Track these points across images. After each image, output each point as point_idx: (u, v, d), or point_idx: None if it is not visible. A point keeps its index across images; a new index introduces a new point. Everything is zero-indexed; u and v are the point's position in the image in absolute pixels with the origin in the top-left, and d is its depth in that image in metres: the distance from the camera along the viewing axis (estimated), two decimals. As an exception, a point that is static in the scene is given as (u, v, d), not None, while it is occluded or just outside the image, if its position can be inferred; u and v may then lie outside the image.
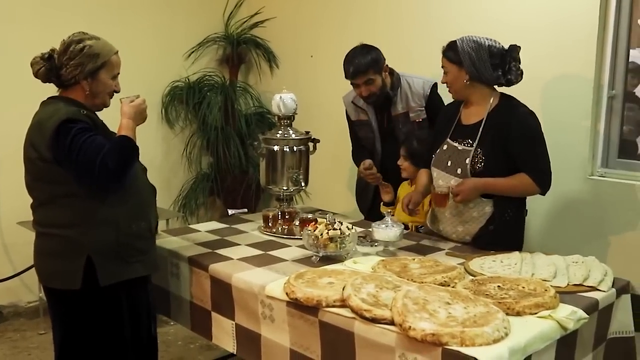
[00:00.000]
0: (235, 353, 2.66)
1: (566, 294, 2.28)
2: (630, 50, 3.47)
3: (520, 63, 2.90)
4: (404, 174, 3.46)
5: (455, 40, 2.92)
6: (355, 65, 3.43)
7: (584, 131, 3.47)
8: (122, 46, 2.68)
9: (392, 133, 3.58)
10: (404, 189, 3.50)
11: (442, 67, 2.97)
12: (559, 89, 3.48)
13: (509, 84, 2.93)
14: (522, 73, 2.91)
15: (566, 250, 2.90)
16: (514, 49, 2.89)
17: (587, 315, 2.15)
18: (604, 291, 2.36)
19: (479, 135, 2.90)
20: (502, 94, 2.98)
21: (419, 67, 4.15)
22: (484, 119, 2.92)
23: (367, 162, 3.55)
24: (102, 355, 2.61)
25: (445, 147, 3.03)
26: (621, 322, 2.47)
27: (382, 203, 3.57)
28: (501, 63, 2.88)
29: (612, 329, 2.45)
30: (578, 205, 3.45)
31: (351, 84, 3.53)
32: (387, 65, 3.53)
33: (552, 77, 3.23)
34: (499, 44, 2.89)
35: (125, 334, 2.63)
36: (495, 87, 2.97)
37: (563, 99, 3.48)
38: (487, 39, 2.88)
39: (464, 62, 2.87)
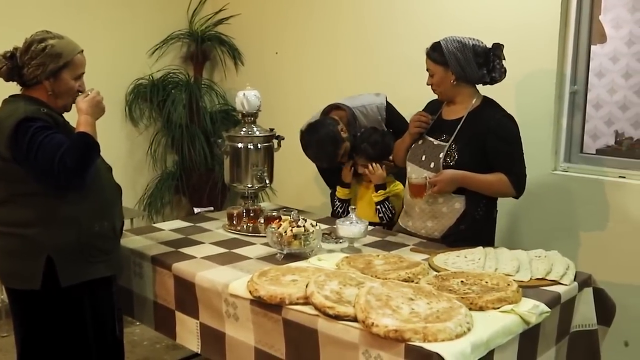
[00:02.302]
0: (199, 352, 2.64)
1: (529, 288, 2.29)
2: (592, 47, 3.51)
3: (504, 60, 2.92)
4: (375, 180, 3.42)
5: (439, 41, 2.91)
6: (326, 161, 3.44)
7: (547, 126, 3.50)
8: (84, 43, 2.63)
9: None
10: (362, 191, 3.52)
11: (427, 69, 2.97)
12: (522, 85, 3.51)
13: (493, 81, 2.95)
14: (505, 71, 2.93)
15: (531, 245, 2.92)
16: (498, 47, 2.90)
17: (549, 309, 2.17)
18: (566, 285, 2.38)
19: (456, 131, 2.91)
20: (485, 97, 2.99)
21: (381, 64, 4.17)
22: (464, 117, 2.93)
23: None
24: (65, 357, 2.57)
25: (420, 142, 3.05)
26: (584, 315, 2.49)
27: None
28: (485, 62, 2.90)
29: (575, 322, 2.47)
30: (542, 199, 3.49)
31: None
32: (339, 125, 3.42)
33: (515, 74, 3.25)
34: (482, 42, 2.90)
35: (88, 335, 2.60)
36: (479, 86, 2.98)
37: (526, 95, 3.51)
38: (470, 39, 2.88)
39: (449, 62, 2.87)
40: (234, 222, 3.19)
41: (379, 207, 3.35)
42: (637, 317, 3.21)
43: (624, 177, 3.34)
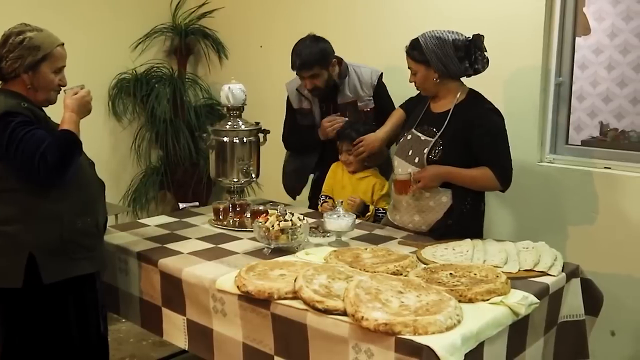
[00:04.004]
0: (187, 349, 2.61)
1: (517, 280, 2.30)
2: (576, 38, 3.51)
3: (485, 51, 2.90)
4: (350, 168, 3.43)
5: (418, 39, 2.89)
6: (302, 59, 3.38)
7: (533, 118, 3.50)
8: (66, 37, 2.59)
9: None
10: (338, 174, 3.51)
11: (409, 67, 2.95)
12: (507, 77, 3.51)
13: (477, 73, 2.93)
14: (487, 61, 2.91)
15: (518, 236, 2.92)
16: (478, 38, 2.87)
17: (538, 300, 2.17)
18: (554, 276, 2.39)
19: (444, 126, 2.89)
20: (470, 89, 2.97)
21: (368, 57, 4.14)
22: (451, 110, 2.91)
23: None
24: (49, 355, 2.54)
25: (409, 137, 3.03)
26: (571, 305, 2.50)
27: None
28: (467, 55, 2.86)
29: (563, 313, 2.48)
30: (528, 191, 3.49)
31: (297, 74, 3.49)
32: (335, 59, 3.48)
33: (500, 66, 3.26)
34: (462, 35, 2.87)
35: (73, 333, 2.57)
36: (464, 79, 2.97)
37: (511, 87, 3.51)
38: (449, 33, 2.86)
39: (430, 61, 2.85)
40: (220, 217, 3.17)
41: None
42: (624, 307, 3.22)
43: (609, 168, 3.35)
